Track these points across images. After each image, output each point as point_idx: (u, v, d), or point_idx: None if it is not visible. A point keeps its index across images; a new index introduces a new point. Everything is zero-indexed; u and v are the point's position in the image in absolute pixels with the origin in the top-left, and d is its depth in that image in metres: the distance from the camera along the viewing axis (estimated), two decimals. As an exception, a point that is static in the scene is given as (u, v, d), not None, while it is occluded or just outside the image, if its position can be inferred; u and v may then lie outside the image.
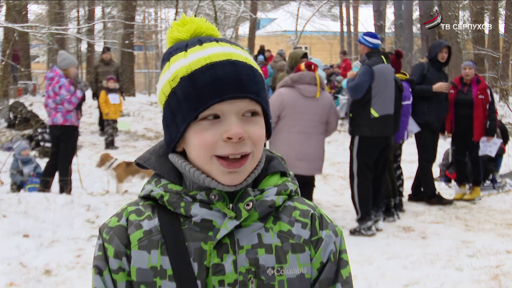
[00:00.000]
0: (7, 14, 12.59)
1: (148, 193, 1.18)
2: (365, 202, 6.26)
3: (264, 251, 1.15)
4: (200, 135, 1.12)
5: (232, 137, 1.10)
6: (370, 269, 5.12)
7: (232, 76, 1.11)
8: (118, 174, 8.04)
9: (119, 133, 13.90)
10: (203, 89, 1.10)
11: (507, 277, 4.74)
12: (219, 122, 1.12)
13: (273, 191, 1.19)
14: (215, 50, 1.14)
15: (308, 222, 1.21)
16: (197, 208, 1.15)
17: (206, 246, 1.13)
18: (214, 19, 18.50)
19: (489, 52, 18.08)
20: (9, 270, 4.94)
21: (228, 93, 1.10)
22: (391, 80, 6.35)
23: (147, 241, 1.14)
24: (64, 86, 7.62)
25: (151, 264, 1.12)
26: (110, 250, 1.14)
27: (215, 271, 1.11)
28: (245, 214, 1.14)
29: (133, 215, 1.17)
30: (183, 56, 1.15)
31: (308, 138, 5.81)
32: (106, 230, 1.17)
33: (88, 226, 6.30)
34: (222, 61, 1.12)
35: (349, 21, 33.64)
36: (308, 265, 1.18)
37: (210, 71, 1.11)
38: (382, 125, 6.25)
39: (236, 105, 1.12)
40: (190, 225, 1.14)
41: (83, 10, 27.27)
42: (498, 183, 8.86)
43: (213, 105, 1.10)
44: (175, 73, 1.14)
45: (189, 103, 1.11)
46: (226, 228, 1.13)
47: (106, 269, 1.14)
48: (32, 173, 8.17)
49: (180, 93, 1.12)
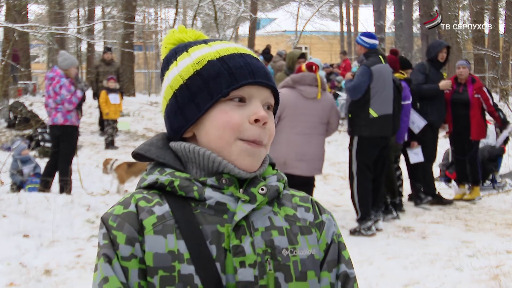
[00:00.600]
0: (7, 14, 12.59)
1: (154, 181, 1.17)
2: (365, 202, 6.26)
3: (277, 233, 1.18)
4: (226, 115, 1.15)
5: (260, 119, 1.15)
6: (370, 269, 5.12)
7: (260, 66, 1.19)
8: (119, 175, 8.04)
9: (119, 133, 13.90)
10: (235, 69, 1.16)
11: (507, 277, 4.74)
12: (245, 106, 1.17)
13: (274, 178, 1.24)
14: (239, 45, 1.23)
15: (310, 206, 1.28)
16: (210, 191, 1.16)
17: (223, 228, 1.14)
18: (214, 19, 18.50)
19: (489, 52, 18.08)
20: (9, 270, 4.94)
21: (259, 78, 1.17)
22: (390, 80, 6.35)
23: (161, 225, 1.13)
24: (64, 86, 7.62)
25: (169, 249, 1.11)
26: (121, 236, 1.12)
27: (235, 252, 1.12)
28: (260, 198, 1.18)
29: (142, 201, 1.15)
30: (206, 46, 1.22)
31: (308, 139, 5.80)
32: (112, 218, 1.14)
33: (88, 226, 6.30)
34: (247, 53, 1.21)
35: (349, 21, 33.64)
36: (316, 247, 1.23)
37: (240, 58, 1.18)
38: (381, 125, 6.25)
39: (263, 92, 1.19)
40: (203, 208, 1.15)
41: (83, 10, 27.28)
42: (498, 183, 8.86)
43: (245, 85, 1.16)
44: (201, 57, 1.19)
45: (219, 81, 1.15)
46: (243, 211, 1.15)
47: (115, 257, 1.11)
48: (32, 173, 8.17)
49: (208, 72, 1.16)
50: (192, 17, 21.21)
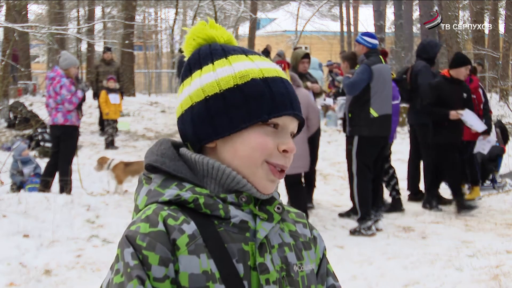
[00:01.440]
0: (7, 14, 12.60)
1: (175, 197, 1.14)
2: (365, 202, 6.26)
3: (288, 250, 1.21)
4: (262, 139, 1.16)
5: (289, 151, 1.18)
6: (370, 269, 5.12)
7: (296, 96, 1.21)
8: (117, 175, 8.04)
9: (119, 133, 13.90)
10: (278, 96, 1.16)
11: (507, 277, 4.74)
12: (278, 133, 1.18)
13: (276, 195, 1.25)
14: (274, 65, 1.23)
15: (306, 222, 1.31)
16: (234, 209, 1.16)
17: (247, 247, 1.14)
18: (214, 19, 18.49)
19: (489, 52, 18.08)
20: (9, 270, 4.94)
21: (295, 109, 1.19)
22: (389, 80, 6.37)
23: (194, 245, 1.11)
24: (65, 86, 7.62)
25: (203, 269, 1.10)
26: (153, 257, 1.08)
27: (261, 270, 1.13)
28: (277, 217, 1.20)
29: (171, 219, 1.12)
30: (247, 59, 1.20)
31: None
32: (139, 237, 1.09)
33: (88, 226, 6.30)
34: (284, 78, 1.21)
35: (349, 21, 33.63)
36: (315, 261, 1.27)
37: (282, 84, 1.19)
38: (381, 125, 6.25)
39: (293, 122, 1.21)
40: (227, 227, 1.15)
41: (83, 10, 27.28)
42: (498, 183, 8.86)
43: (284, 115, 1.17)
44: (245, 71, 1.17)
45: (262, 104, 1.15)
46: (264, 230, 1.17)
47: (146, 278, 1.08)
48: (32, 173, 8.17)
49: (251, 91, 1.15)
50: (192, 17, 21.21)
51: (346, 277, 4.84)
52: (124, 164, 8.10)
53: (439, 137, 7.28)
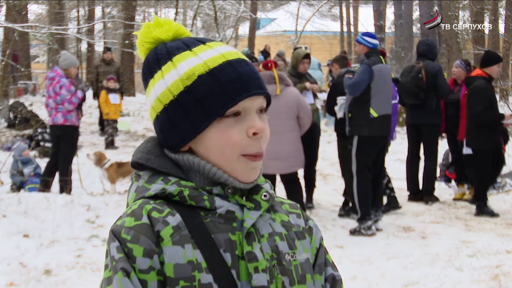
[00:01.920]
0: (7, 14, 12.60)
1: (160, 191, 1.15)
2: (364, 201, 6.25)
3: (279, 239, 1.21)
4: (225, 134, 1.14)
5: (259, 132, 1.15)
6: (370, 269, 5.12)
7: (251, 74, 1.16)
8: (110, 175, 8.09)
9: (119, 133, 13.90)
10: (228, 85, 1.13)
11: (507, 277, 4.74)
12: (241, 119, 1.15)
13: (267, 185, 1.25)
14: (224, 48, 1.19)
15: (300, 213, 1.31)
16: (219, 200, 1.17)
17: (234, 236, 1.15)
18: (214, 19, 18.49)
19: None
20: (9, 270, 4.94)
21: (252, 89, 1.15)
22: (389, 80, 6.37)
23: (178, 236, 1.13)
24: (64, 86, 7.62)
25: (188, 259, 1.12)
26: (137, 249, 1.10)
27: (249, 259, 1.14)
28: (265, 204, 1.20)
29: (155, 212, 1.13)
30: (191, 54, 1.17)
31: (278, 137, 5.80)
32: (124, 231, 1.12)
33: (88, 226, 6.30)
34: (236, 59, 1.17)
35: (349, 21, 33.63)
36: (309, 251, 1.27)
37: (230, 69, 1.14)
38: (381, 125, 6.25)
39: (256, 101, 1.17)
40: (213, 217, 1.16)
41: (83, 10, 27.28)
42: (498, 183, 8.85)
43: (241, 101, 1.14)
44: (190, 71, 1.15)
45: (214, 100, 1.13)
46: (251, 218, 1.17)
47: (132, 270, 1.10)
48: (32, 174, 8.18)
49: (200, 90, 1.13)
50: (192, 17, 21.21)
51: (346, 277, 4.84)
52: (117, 165, 8.14)
53: (487, 142, 7.14)
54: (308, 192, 7.27)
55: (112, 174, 8.07)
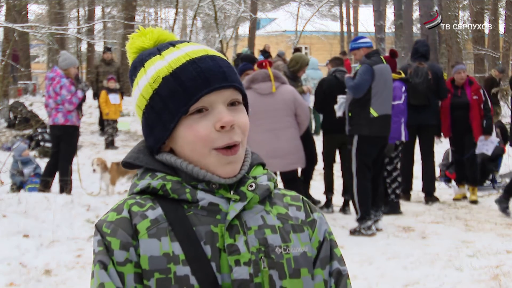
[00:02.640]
0: (7, 14, 12.60)
1: (146, 186, 1.18)
2: (364, 201, 6.25)
3: (270, 231, 1.19)
4: (193, 129, 1.16)
5: (225, 125, 1.15)
6: (370, 269, 5.12)
7: (214, 68, 1.16)
8: (112, 176, 8.09)
9: (119, 133, 13.90)
10: (189, 83, 1.15)
11: (507, 277, 4.74)
12: (209, 114, 1.16)
13: (265, 177, 1.25)
14: (190, 48, 1.20)
15: (301, 205, 1.29)
16: (202, 193, 1.18)
17: (217, 228, 1.15)
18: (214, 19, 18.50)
19: (489, 52, 18.09)
20: (9, 270, 4.94)
21: (214, 83, 1.15)
22: (390, 81, 6.37)
23: (155, 229, 1.14)
24: (65, 87, 7.62)
25: (163, 251, 1.13)
26: (115, 242, 1.13)
27: (230, 251, 1.14)
28: (250, 194, 1.19)
29: (135, 206, 1.17)
30: (159, 58, 1.19)
31: (276, 134, 5.80)
32: (105, 225, 1.16)
33: (88, 226, 6.30)
34: (201, 56, 1.18)
35: (349, 21, 33.62)
36: (308, 244, 1.24)
37: (193, 66, 1.16)
38: (381, 125, 6.25)
39: (222, 94, 1.17)
40: (196, 210, 1.17)
41: (83, 10, 27.28)
42: (498, 183, 8.86)
43: (202, 97, 1.15)
44: (155, 74, 1.17)
45: (177, 99, 1.15)
46: (235, 210, 1.16)
47: (110, 263, 1.13)
48: (32, 174, 8.18)
49: (165, 92, 1.16)
50: (192, 17, 21.21)
51: (346, 277, 4.83)
52: (116, 165, 8.13)
53: None
54: (304, 189, 7.27)
55: (114, 175, 8.07)
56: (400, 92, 7.08)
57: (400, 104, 7.08)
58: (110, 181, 8.10)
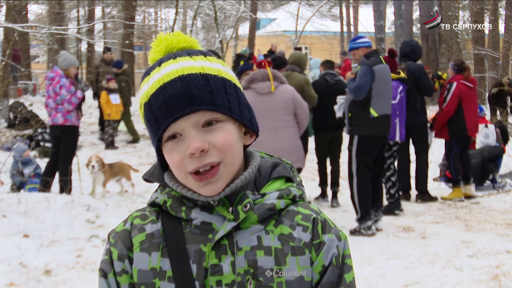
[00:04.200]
0: (7, 14, 12.60)
1: (154, 200, 1.23)
2: (364, 201, 6.25)
3: (263, 253, 1.16)
4: (169, 155, 1.17)
5: (193, 152, 1.13)
6: (370, 269, 5.12)
7: (181, 93, 1.13)
8: (106, 178, 8.09)
9: (119, 133, 13.89)
10: (158, 112, 1.14)
11: (507, 277, 4.74)
12: (182, 140, 1.15)
13: (275, 195, 1.20)
14: (168, 68, 1.16)
15: (309, 225, 1.21)
16: (197, 212, 1.18)
17: (205, 247, 1.15)
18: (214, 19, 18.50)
19: (489, 52, 18.09)
20: (9, 270, 4.94)
21: (178, 111, 1.12)
22: (389, 81, 6.37)
23: (148, 243, 1.18)
24: (64, 87, 7.62)
25: (151, 266, 1.16)
26: (115, 253, 1.19)
27: (212, 272, 1.14)
28: (243, 215, 1.16)
29: (138, 219, 1.21)
30: (145, 82, 1.20)
31: (275, 134, 5.80)
32: (113, 235, 1.22)
33: (88, 226, 6.30)
34: (172, 79, 1.14)
35: (349, 21, 33.62)
36: (307, 268, 1.18)
37: (162, 93, 1.14)
38: (381, 125, 6.25)
39: (191, 119, 1.13)
40: (191, 228, 1.18)
41: (83, 10, 27.28)
42: (498, 183, 8.86)
43: (169, 125, 1.14)
44: (140, 99, 1.19)
45: (152, 127, 1.17)
46: (224, 230, 1.15)
47: (111, 272, 1.19)
48: (32, 174, 8.17)
49: (145, 119, 1.18)
50: (192, 17, 21.20)
51: (346, 277, 4.83)
52: (109, 166, 8.11)
53: None
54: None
55: (107, 176, 8.06)
56: (395, 92, 7.08)
57: (395, 104, 7.07)
58: (102, 182, 8.07)
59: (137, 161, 10.94)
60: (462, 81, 7.98)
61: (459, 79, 7.98)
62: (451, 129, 7.98)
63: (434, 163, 9.98)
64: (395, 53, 6.95)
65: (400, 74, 7.26)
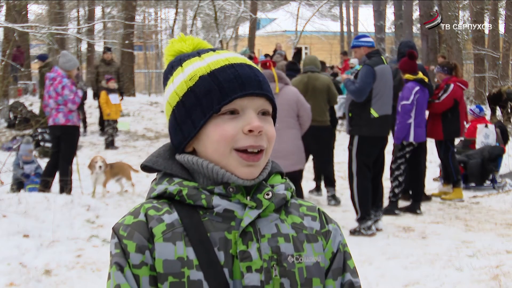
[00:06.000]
0: (7, 14, 12.61)
1: (163, 191, 1.20)
2: (364, 201, 6.25)
3: (284, 240, 1.20)
4: (221, 128, 1.18)
5: (254, 129, 1.17)
6: (370, 269, 5.12)
7: (251, 75, 1.20)
8: (107, 178, 8.09)
9: (119, 133, 13.90)
10: (225, 84, 1.18)
11: (507, 277, 4.74)
12: (239, 117, 1.18)
13: (282, 186, 1.26)
14: (231, 54, 1.24)
15: (316, 215, 1.29)
16: (218, 199, 1.19)
17: (230, 235, 1.17)
18: (214, 19, 18.50)
19: (489, 52, 18.09)
20: (9, 270, 4.94)
21: (249, 89, 1.18)
22: (390, 81, 6.36)
23: (171, 233, 1.16)
24: (67, 87, 7.62)
25: (178, 255, 1.15)
26: (131, 245, 1.16)
27: (242, 258, 1.15)
28: (266, 202, 1.20)
29: (152, 210, 1.19)
30: (198, 59, 1.23)
31: (278, 135, 5.79)
32: (122, 228, 1.18)
33: (88, 226, 6.30)
34: (239, 63, 1.22)
35: (349, 21, 33.64)
36: (322, 254, 1.25)
37: (231, 70, 1.19)
38: (381, 125, 6.25)
39: (255, 101, 1.20)
40: (211, 216, 1.18)
41: (83, 10, 27.28)
42: (498, 183, 8.86)
43: (236, 99, 1.17)
44: (193, 73, 1.21)
45: (211, 97, 1.18)
46: (249, 217, 1.17)
47: (126, 265, 1.15)
48: (33, 173, 8.18)
49: (200, 89, 1.19)
50: (192, 17, 21.21)
51: (346, 277, 4.83)
52: (110, 166, 8.12)
53: None
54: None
55: (108, 176, 8.07)
56: (409, 93, 7.05)
57: (407, 104, 7.04)
58: (103, 182, 8.08)
59: (137, 161, 10.94)
60: (457, 83, 7.96)
61: (455, 81, 7.95)
62: (447, 130, 7.91)
63: (434, 163, 9.98)
64: (415, 55, 6.90)
65: (418, 75, 7.20)
